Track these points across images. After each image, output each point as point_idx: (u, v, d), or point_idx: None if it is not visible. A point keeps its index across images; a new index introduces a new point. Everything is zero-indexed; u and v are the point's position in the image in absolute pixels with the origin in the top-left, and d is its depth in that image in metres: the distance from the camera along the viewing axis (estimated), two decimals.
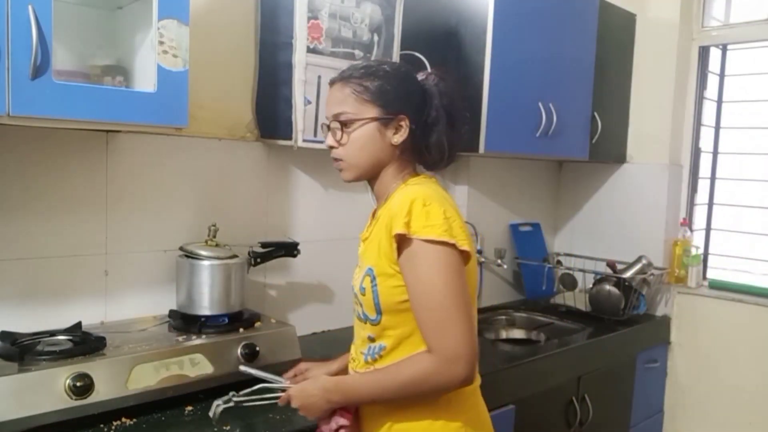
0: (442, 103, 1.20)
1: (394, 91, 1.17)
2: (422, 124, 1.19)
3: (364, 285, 1.19)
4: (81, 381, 1.22)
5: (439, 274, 1.08)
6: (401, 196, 1.14)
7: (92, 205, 1.57)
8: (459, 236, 1.10)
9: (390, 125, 1.17)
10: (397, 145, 1.18)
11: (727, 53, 2.77)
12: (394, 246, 1.11)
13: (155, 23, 1.29)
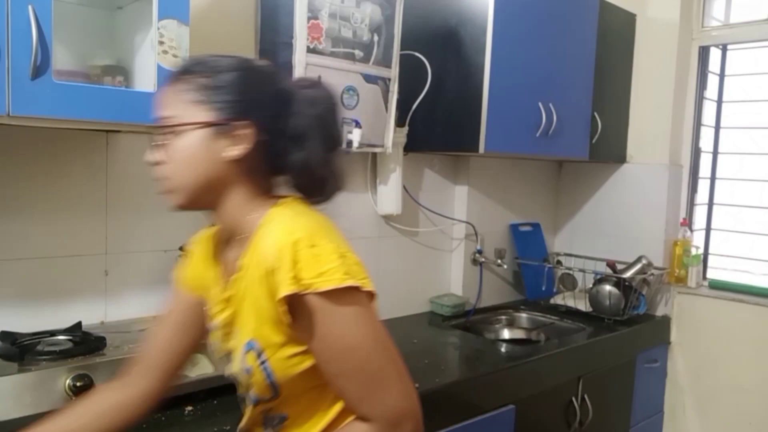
0: (315, 113, 0.93)
1: (237, 90, 0.91)
2: (279, 135, 0.92)
3: (248, 365, 0.92)
4: (81, 381, 1.22)
5: (354, 330, 0.86)
6: (272, 236, 0.86)
7: (92, 205, 1.57)
8: (359, 275, 0.88)
9: (226, 134, 0.89)
10: (236, 162, 0.90)
11: (727, 53, 2.77)
12: (283, 309, 0.85)
13: (155, 23, 1.29)
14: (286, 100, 0.94)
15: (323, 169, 0.96)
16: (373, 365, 0.88)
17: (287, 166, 0.94)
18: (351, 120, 1.85)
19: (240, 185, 0.93)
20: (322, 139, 0.94)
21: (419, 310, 2.45)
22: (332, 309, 0.85)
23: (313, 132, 0.93)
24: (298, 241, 0.84)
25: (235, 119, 0.89)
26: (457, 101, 2.10)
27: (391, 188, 2.17)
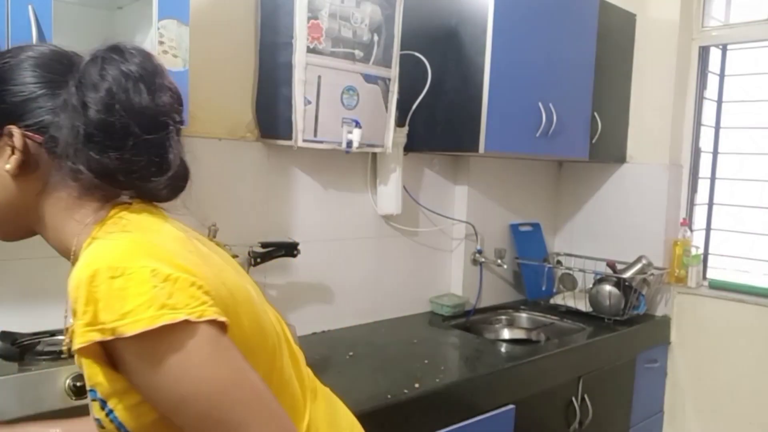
0: (101, 96, 0.72)
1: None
2: (63, 134, 0.74)
3: (96, 416, 0.73)
4: (81, 381, 1.22)
5: (188, 376, 0.67)
6: (75, 269, 0.68)
7: None
8: (188, 302, 0.67)
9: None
10: (21, 176, 0.75)
11: (727, 53, 2.77)
12: (92, 360, 0.69)
13: (155, 23, 1.30)
14: (59, 91, 0.75)
15: (139, 166, 0.76)
16: (226, 414, 0.68)
17: (93, 170, 0.74)
18: (351, 120, 1.85)
19: (47, 201, 0.77)
20: (124, 128, 0.73)
21: (419, 310, 2.45)
22: (151, 355, 0.65)
23: (105, 121, 0.72)
24: (96, 273, 0.65)
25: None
26: (457, 101, 2.10)
27: (391, 188, 2.17)
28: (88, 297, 0.65)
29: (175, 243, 0.75)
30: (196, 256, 0.75)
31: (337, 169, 2.09)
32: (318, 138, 1.79)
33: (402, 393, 1.56)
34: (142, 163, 0.76)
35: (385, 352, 1.92)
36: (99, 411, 0.72)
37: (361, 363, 1.81)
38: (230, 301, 0.74)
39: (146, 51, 0.78)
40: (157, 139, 0.77)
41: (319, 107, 1.77)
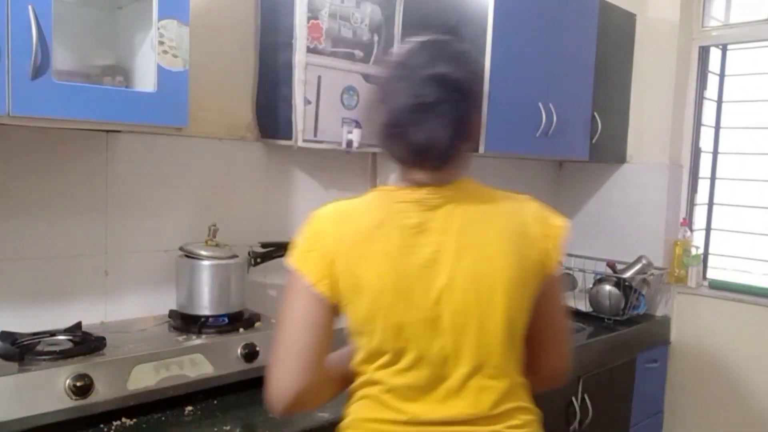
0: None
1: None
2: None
3: None
4: (81, 381, 1.22)
5: (282, 305, 0.94)
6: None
7: (92, 204, 1.57)
8: (306, 261, 0.93)
9: None
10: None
11: (727, 53, 2.77)
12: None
13: (155, 23, 1.29)
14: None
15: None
16: (275, 343, 0.98)
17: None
18: (351, 120, 1.85)
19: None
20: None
21: None
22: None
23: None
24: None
25: None
26: None
27: None
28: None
29: (348, 213, 1.04)
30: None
31: (337, 169, 2.09)
32: (318, 138, 1.79)
33: None
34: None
35: None
36: None
37: None
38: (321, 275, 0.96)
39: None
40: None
41: (319, 107, 1.77)
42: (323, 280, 0.94)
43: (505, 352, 0.96)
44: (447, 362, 0.94)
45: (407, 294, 0.93)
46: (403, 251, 0.93)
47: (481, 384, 0.95)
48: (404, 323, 0.93)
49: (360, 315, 0.95)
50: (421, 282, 0.93)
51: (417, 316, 0.93)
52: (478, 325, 0.94)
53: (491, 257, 0.94)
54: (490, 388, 0.96)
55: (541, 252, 0.99)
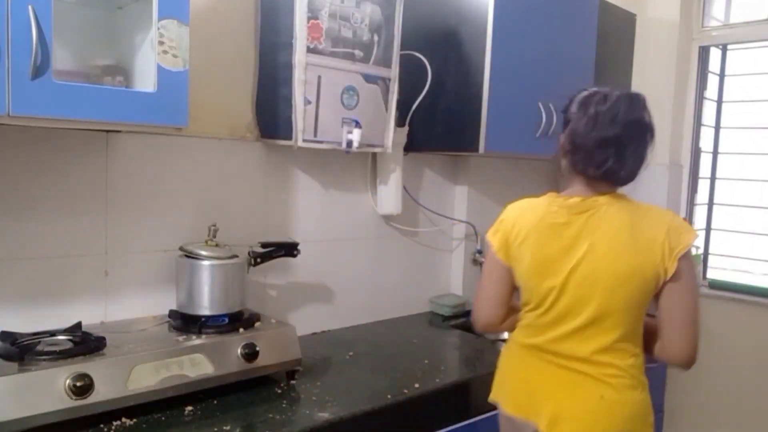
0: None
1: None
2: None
3: None
4: (81, 381, 1.22)
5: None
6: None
7: (92, 205, 1.57)
8: (492, 236, 1.48)
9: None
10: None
11: (727, 53, 2.77)
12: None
13: (155, 23, 1.30)
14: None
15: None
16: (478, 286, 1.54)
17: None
18: (351, 120, 1.85)
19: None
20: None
21: (419, 310, 2.45)
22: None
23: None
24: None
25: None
26: (457, 101, 2.10)
27: (391, 188, 2.17)
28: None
29: (523, 207, 1.51)
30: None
31: (337, 169, 2.09)
32: (318, 138, 1.79)
33: (402, 393, 1.56)
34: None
35: (385, 352, 1.92)
36: None
37: (361, 363, 1.81)
38: (501, 243, 1.47)
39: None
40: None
41: (319, 107, 1.77)
42: (501, 251, 1.46)
43: (607, 322, 1.33)
44: (567, 316, 1.36)
45: (549, 267, 1.37)
46: (550, 240, 1.38)
47: (586, 335, 1.34)
48: (544, 286, 1.38)
49: (520, 276, 1.43)
50: (559, 261, 1.36)
51: (553, 282, 1.36)
52: (591, 296, 1.33)
53: (615, 252, 1.31)
54: (592, 341, 1.34)
55: (663, 256, 1.30)
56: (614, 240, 1.32)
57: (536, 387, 1.40)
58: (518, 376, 1.46)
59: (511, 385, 1.48)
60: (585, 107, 1.41)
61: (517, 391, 1.45)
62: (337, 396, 1.52)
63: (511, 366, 1.49)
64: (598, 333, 1.33)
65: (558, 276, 1.35)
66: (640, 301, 1.32)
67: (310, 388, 1.56)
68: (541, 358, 1.40)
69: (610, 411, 1.31)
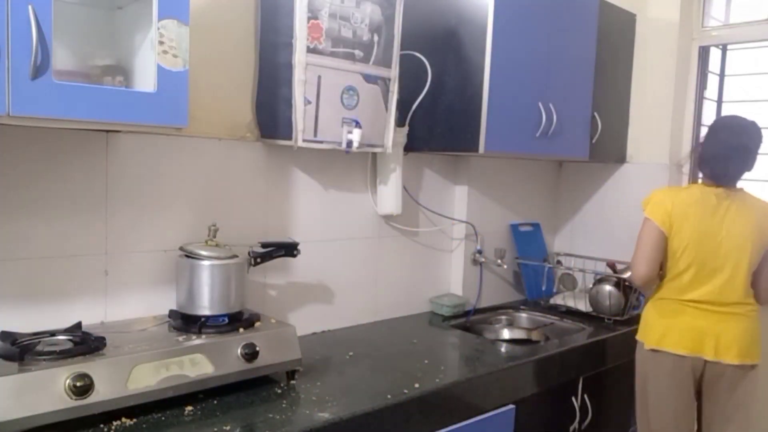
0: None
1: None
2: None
3: None
4: (81, 381, 1.22)
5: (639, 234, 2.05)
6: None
7: (92, 205, 1.57)
8: (653, 213, 2.02)
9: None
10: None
11: (727, 53, 2.77)
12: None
13: (155, 23, 1.30)
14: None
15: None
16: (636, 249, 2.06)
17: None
18: (351, 120, 1.85)
19: None
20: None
21: (419, 310, 2.45)
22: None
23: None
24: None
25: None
26: (457, 101, 2.10)
27: (391, 188, 2.17)
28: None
29: (673, 192, 2.12)
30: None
31: (337, 169, 2.09)
32: (318, 138, 1.79)
33: (402, 393, 1.56)
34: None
35: (385, 352, 1.92)
36: None
37: (361, 363, 1.81)
38: (659, 216, 2.03)
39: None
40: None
41: (319, 107, 1.77)
42: (665, 224, 1.99)
43: (743, 276, 1.96)
44: (714, 274, 1.96)
45: (705, 238, 1.96)
46: (706, 216, 1.96)
47: (727, 289, 1.96)
48: (699, 252, 1.96)
49: (677, 245, 1.98)
50: (712, 233, 1.96)
51: (708, 249, 1.96)
52: (730, 260, 1.95)
53: (746, 229, 1.96)
54: (735, 292, 1.96)
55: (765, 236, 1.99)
56: (746, 221, 1.95)
57: (702, 328, 1.95)
58: (684, 323, 1.97)
59: (677, 331, 1.98)
60: (714, 132, 2.03)
61: (684, 334, 1.96)
62: (337, 396, 1.52)
63: (674, 317, 2.00)
64: (737, 286, 1.95)
65: (712, 245, 1.94)
66: (755, 263, 1.98)
67: (310, 388, 1.56)
68: (700, 307, 1.96)
69: (752, 333, 1.98)
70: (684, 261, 1.97)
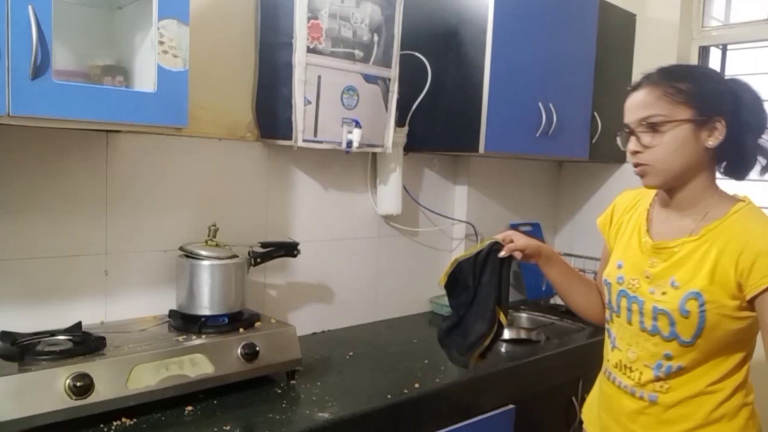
0: (754, 107, 1.19)
1: (708, 92, 1.16)
2: (737, 127, 1.16)
3: (687, 308, 1.16)
4: (81, 381, 1.22)
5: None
6: (761, 233, 1.13)
7: (92, 205, 1.57)
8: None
9: (705, 127, 1.16)
10: (710, 150, 1.17)
11: (727, 53, 2.77)
12: (758, 286, 1.09)
13: (155, 23, 1.29)
14: (737, 98, 1.17)
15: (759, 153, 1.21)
16: None
17: (741, 152, 1.19)
18: (351, 120, 1.85)
19: (705, 170, 1.19)
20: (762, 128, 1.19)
21: (419, 310, 2.45)
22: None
23: (757, 124, 1.18)
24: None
25: (711, 115, 1.14)
26: (457, 101, 2.10)
27: (391, 188, 2.17)
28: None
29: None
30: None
31: (337, 169, 2.09)
32: (318, 138, 1.79)
33: (402, 393, 1.56)
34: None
35: (385, 352, 1.92)
36: (694, 306, 1.14)
37: (361, 363, 1.81)
38: None
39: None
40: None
41: (319, 107, 1.77)
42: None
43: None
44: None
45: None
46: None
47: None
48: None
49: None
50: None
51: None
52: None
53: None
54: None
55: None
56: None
57: None
58: None
59: None
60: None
61: None
62: (337, 396, 1.52)
63: None
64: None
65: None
66: None
67: (310, 388, 1.56)
68: None
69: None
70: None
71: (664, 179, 1.20)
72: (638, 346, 1.25)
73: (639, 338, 1.25)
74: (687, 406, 1.19)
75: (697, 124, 1.15)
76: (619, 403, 1.29)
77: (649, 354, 1.22)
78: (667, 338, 1.19)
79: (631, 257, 1.28)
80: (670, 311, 1.17)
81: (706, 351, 1.17)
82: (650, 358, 1.22)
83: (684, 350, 1.18)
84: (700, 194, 1.21)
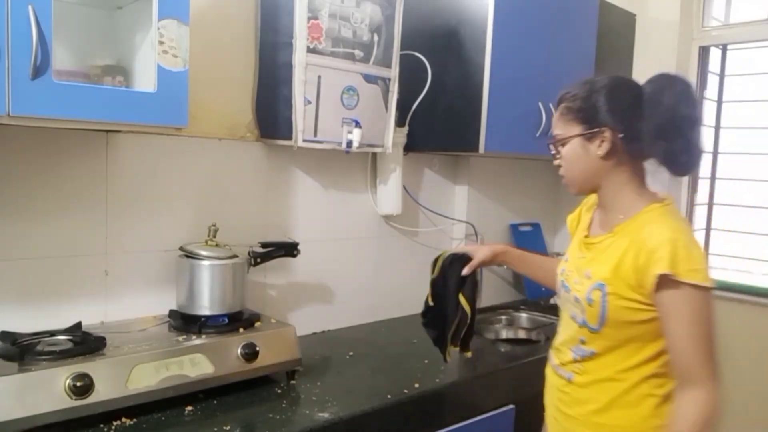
0: (664, 107, 1.19)
1: (592, 107, 1.24)
2: (637, 132, 1.21)
3: (592, 297, 1.24)
4: (81, 381, 1.22)
5: (704, 320, 1.18)
6: (658, 227, 1.18)
7: (92, 205, 1.57)
8: (708, 275, 1.22)
9: (594, 139, 1.24)
10: (612, 156, 1.24)
11: (727, 53, 2.77)
12: (651, 281, 1.15)
13: (155, 23, 1.30)
14: (638, 104, 1.21)
15: (681, 148, 1.20)
16: (707, 348, 1.16)
17: (651, 153, 1.23)
18: (351, 120, 1.85)
19: (613, 174, 1.26)
20: (674, 125, 1.19)
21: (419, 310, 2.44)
22: (689, 298, 1.16)
23: (667, 122, 1.19)
24: (677, 240, 1.15)
25: (597, 127, 1.23)
26: (457, 101, 2.10)
27: (391, 188, 2.17)
28: (672, 252, 1.14)
29: (691, 230, 1.26)
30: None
31: (337, 169, 2.09)
32: (318, 138, 1.79)
33: (402, 393, 1.56)
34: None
35: (385, 352, 1.92)
36: (598, 296, 1.22)
37: (361, 363, 1.81)
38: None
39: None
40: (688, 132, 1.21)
41: (319, 107, 1.77)
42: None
43: None
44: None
45: None
46: None
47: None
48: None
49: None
50: None
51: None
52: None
53: None
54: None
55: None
56: None
57: None
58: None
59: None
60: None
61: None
62: (337, 396, 1.52)
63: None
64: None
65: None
66: None
67: (310, 388, 1.56)
68: None
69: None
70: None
71: (579, 187, 1.32)
72: (565, 330, 1.36)
73: (567, 323, 1.35)
74: (595, 388, 1.27)
75: (585, 138, 1.25)
76: (550, 382, 1.41)
77: (570, 338, 1.32)
78: (580, 324, 1.28)
79: (573, 251, 1.41)
80: (581, 299, 1.27)
81: (614, 339, 1.24)
82: (571, 342, 1.32)
83: (593, 336, 1.26)
84: (615, 196, 1.28)
